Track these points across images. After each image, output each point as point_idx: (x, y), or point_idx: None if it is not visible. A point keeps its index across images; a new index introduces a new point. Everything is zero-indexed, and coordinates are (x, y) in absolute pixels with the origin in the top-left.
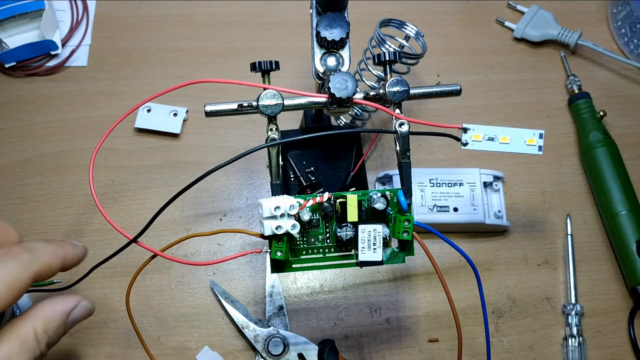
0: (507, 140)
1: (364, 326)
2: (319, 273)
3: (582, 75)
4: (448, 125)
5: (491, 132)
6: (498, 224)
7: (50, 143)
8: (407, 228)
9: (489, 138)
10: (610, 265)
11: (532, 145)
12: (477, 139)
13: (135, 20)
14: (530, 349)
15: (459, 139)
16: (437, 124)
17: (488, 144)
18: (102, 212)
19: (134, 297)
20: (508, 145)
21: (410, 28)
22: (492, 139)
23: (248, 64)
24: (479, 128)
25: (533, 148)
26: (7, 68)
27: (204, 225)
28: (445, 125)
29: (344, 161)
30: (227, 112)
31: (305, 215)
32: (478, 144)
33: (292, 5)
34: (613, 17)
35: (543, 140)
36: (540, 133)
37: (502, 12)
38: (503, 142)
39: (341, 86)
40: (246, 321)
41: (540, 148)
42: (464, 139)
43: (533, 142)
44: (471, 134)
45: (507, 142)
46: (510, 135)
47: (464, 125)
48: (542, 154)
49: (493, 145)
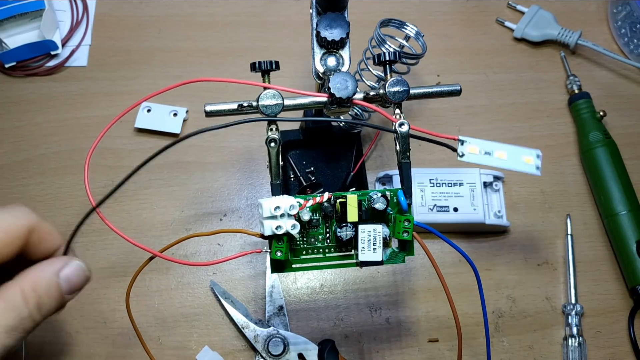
0: (503, 156)
1: (364, 326)
2: (319, 273)
3: (582, 75)
4: (445, 136)
5: (488, 146)
6: (498, 224)
7: (50, 143)
8: (407, 228)
9: (485, 152)
10: (610, 265)
11: (530, 164)
12: (473, 152)
13: (135, 20)
14: (530, 349)
15: (455, 150)
16: (435, 134)
17: (485, 158)
18: (98, 214)
19: (134, 297)
20: (505, 162)
21: (410, 28)
22: (489, 154)
23: (248, 64)
24: (474, 141)
25: (531, 167)
26: (7, 68)
27: (204, 225)
28: (442, 135)
29: (344, 161)
30: (227, 112)
31: (305, 215)
32: (474, 157)
33: (292, 5)
34: (613, 17)
35: (541, 161)
36: (537, 153)
37: (502, 12)
38: (499, 157)
39: (341, 86)
40: (246, 321)
41: (538, 168)
42: (460, 151)
43: (530, 161)
44: (467, 147)
45: (503, 158)
46: (507, 151)
47: (460, 137)
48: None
49: (489, 159)
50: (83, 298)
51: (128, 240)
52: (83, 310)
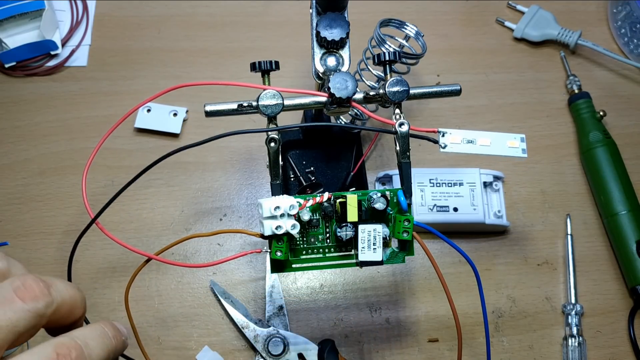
0: (487, 142)
1: (364, 326)
2: (319, 273)
3: (582, 75)
4: (424, 129)
5: (469, 135)
6: (498, 224)
7: (50, 143)
8: (407, 228)
9: (468, 141)
10: (610, 265)
11: (515, 148)
12: (455, 142)
13: (135, 20)
14: (530, 349)
15: (437, 142)
16: (414, 127)
17: (467, 147)
18: (97, 225)
19: (133, 297)
20: (489, 148)
21: (410, 28)
22: (472, 142)
23: (248, 64)
24: (455, 132)
25: (517, 150)
26: (7, 68)
27: (204, 225)
28: (421, 129)
29: (344, 161)
30: (227, 112)
31: (305, 215)
32: (457, 146)
33: (292, 5)
34: (613, 17)
35: (525, 144)
36: (521, 137)
37: (502, 12)
38: (483, 144)
39: (341, 86)
40: (246, 321)
41: (524, 151)
42: (441, 142)
43: (515, 144)
44: (448, 138)
45: (487, 144)
46: (490, 138)
47: (440, 130)
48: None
49: (473, 147)
50: None
51: (126, 247)
52: None
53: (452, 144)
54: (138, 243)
